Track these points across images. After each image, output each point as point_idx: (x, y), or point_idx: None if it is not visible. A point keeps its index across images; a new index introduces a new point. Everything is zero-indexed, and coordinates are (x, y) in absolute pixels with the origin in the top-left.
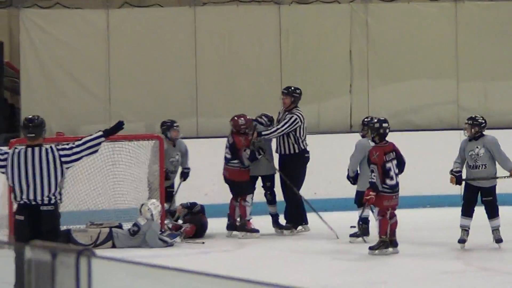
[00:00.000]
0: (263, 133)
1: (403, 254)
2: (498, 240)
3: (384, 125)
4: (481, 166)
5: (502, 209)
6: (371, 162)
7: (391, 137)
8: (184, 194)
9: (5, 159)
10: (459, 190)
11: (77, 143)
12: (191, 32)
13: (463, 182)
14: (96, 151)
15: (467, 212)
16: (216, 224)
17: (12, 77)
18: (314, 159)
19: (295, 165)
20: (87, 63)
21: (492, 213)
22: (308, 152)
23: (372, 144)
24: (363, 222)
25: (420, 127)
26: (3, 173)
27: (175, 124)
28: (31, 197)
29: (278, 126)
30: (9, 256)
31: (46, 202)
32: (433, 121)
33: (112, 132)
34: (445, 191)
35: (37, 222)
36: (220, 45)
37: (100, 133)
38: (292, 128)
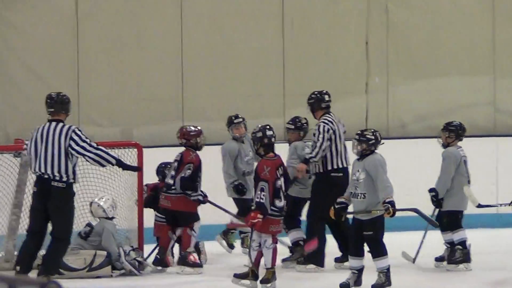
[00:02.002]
0: (308, 157)
1: None
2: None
3: (269, 133)
4: (360, 195)
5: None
6: (261, 179)
7: (413, 144)
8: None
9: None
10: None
11: (92, 143)
12: (177, 20)
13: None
14: (101, 165)
15: (355, 251)
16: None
17: None
18: None
19: (316, 187)
20: (50, 56)
21: (375, 251)
22: (338, 170)
23: (461, 152)
24: (462, 246)
25: None
26: None
27: (235, 120)
28: (43, 170)
29: (317, 143)
30: None
31: (57, 178)
32: (465, 126)
33: (124, 166)
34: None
35: (47, 197)
36: (210, 37)
37: (116, 156)
38: (328, 137)
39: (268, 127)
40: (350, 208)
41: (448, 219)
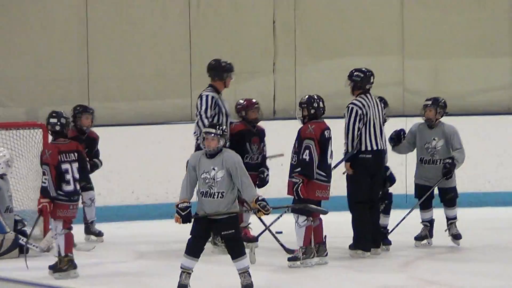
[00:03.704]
0: (344, 153)
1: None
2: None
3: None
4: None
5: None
6: (43, 163)
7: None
8: None
9: None
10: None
11: None
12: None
13: None
14: None
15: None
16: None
17: None
18: None
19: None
20: None
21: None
22: (365, 152)
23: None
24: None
25: None
26: None
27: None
28: None
29: (347, 135)
30: None
31: None
32: None
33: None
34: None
35: None
36: (115, 16)
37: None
38: (357, 121)
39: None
40: None
41: (455, 195)
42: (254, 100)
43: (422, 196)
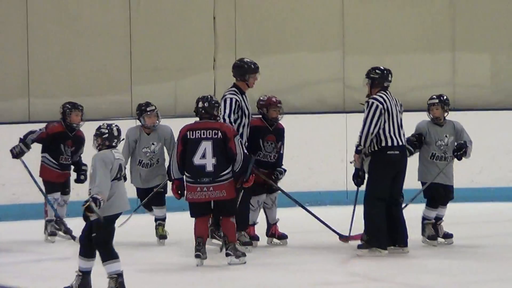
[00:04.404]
0: (356, 146)
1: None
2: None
3: None
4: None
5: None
6: None
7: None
8: None
9: None
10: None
11: None
12: None
13: None
14: None
15: None
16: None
17: None
18: None
19: (372, 167)
20: None
21: None
22: (393, 148)
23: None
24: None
25: (299, 110)
26: None
27: (148, 109)
28: None
29: (363, 128)
30: None
31: None
32: (315, 102)
33: None
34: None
35: None
36: (56, 11)
37: None
38: (376, 116)
39: None
40: None
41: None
42: (277, 99)
43: (436, 195)
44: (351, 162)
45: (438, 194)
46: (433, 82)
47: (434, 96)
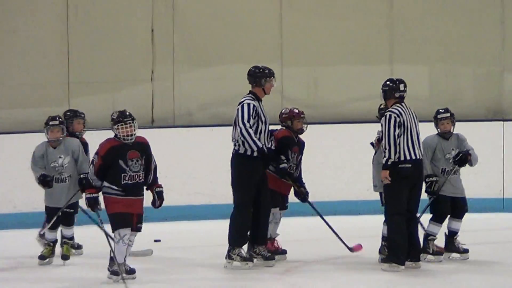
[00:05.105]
0: (384, 161)
1: None
2: None
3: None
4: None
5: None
6: None
7: (200, 132)
8: None
9: None
10: None
11: None
12: None
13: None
14: None
15: None
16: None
17: None
18: None
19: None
20: None
21: None
22: (405, 161)
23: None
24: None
25: None
26: None
27: (51, 123)
28: None
29: (385, 142)
30: None
31: None
32: None
33: None
34: None
35: None
36: None
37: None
38: (396, 128)
39: None
40: None
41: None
42: (300, 110)
43: (441, 210)
44: (382, 181)
45: (446, 208)
46: (371, 94)
47: (443, 110)
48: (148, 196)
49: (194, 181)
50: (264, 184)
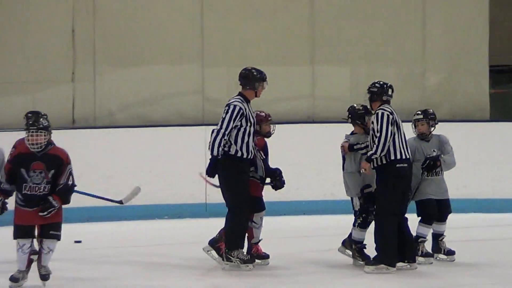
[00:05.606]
0: (370, 154)
1: None
2: None
3: None
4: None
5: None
6: None
7: (122, 133)
8: None
9: None
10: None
11: None
12: None
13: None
14: None
15: None
16: None
17: None
18: None
19: (382, 181)
20: None
21: None
22: (402, 161)
23: (416, 140)
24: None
25: (158, 123)
26: None
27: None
28: None
29: (379, 137)
30: None
31: None
32: (174, 115)
33: None
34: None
35: None
36: None
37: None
38: (390, 125)
39: None
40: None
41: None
42: (266, 113)
43: (429, 211)
44: (362, 172)
45: (432, 210)
46: (293, 94)
47: (419, 112)
48: None
49: (114, 181)
50: None
